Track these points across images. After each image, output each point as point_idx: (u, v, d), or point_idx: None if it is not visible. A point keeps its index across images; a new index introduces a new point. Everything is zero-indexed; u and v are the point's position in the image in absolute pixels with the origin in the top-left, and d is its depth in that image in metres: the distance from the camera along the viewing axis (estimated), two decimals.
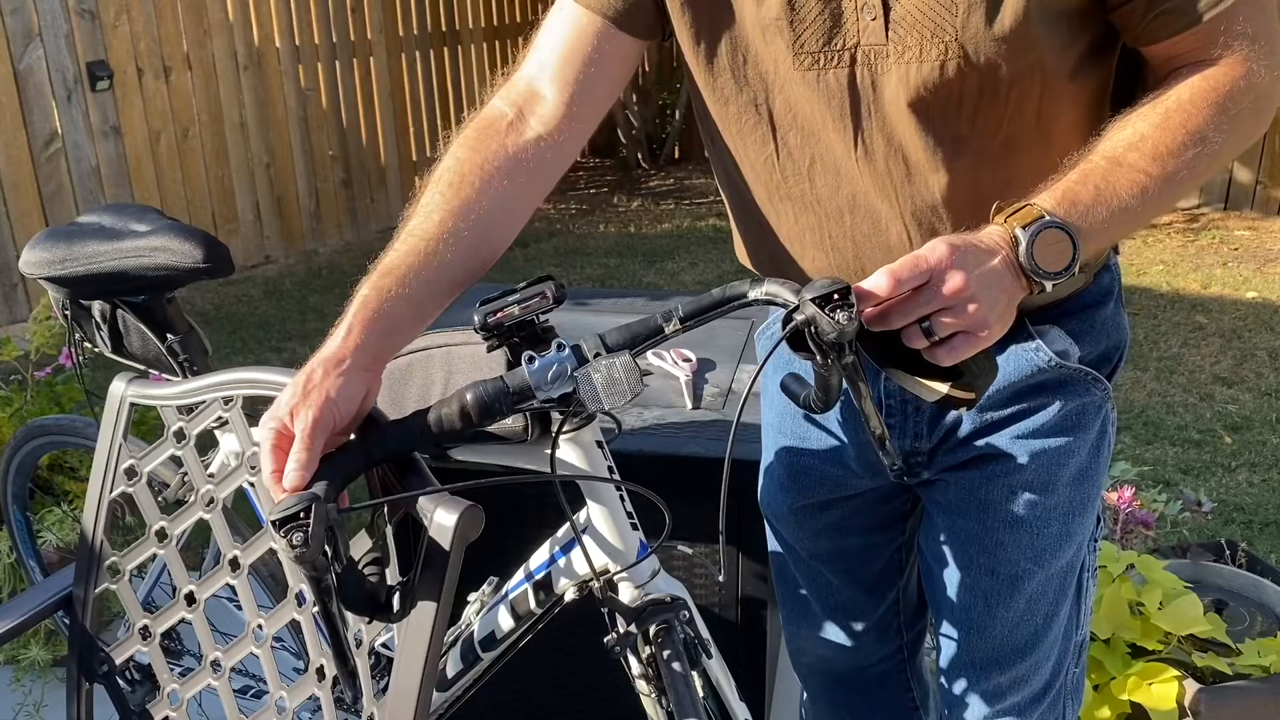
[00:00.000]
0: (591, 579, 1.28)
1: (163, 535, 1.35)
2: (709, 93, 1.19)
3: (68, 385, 2.75)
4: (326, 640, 1.08)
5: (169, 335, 1.85)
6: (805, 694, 1.65)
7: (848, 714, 1.59)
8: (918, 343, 0.96)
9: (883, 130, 1.11)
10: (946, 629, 1.35)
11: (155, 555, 1.37)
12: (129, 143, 5.15)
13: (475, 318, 1.11)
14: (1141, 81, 1.13)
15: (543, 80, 1.19)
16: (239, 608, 1.37)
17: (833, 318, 0.92)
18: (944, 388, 0.99)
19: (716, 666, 1.37)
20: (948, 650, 1.36)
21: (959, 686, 1.36)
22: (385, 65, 6.59)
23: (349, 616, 1.11)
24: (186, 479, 1.86)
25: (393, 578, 1.12)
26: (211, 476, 1.34)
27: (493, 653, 1.42)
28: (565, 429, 1.21)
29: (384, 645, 1.52)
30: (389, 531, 1.12)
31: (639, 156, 8.06)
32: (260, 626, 1.29)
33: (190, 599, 1.34)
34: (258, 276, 5.73)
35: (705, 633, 1.32)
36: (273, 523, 0.93)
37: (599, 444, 1.25)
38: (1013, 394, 1.22)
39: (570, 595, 1.35)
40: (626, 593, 1.29)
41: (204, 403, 1.33)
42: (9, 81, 4.60)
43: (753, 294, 1.03)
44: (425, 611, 1.06)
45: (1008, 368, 1.20)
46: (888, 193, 1.14)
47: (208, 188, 5.59)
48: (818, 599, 1.49)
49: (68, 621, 1.50)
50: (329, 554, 0.95)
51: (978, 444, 1.25)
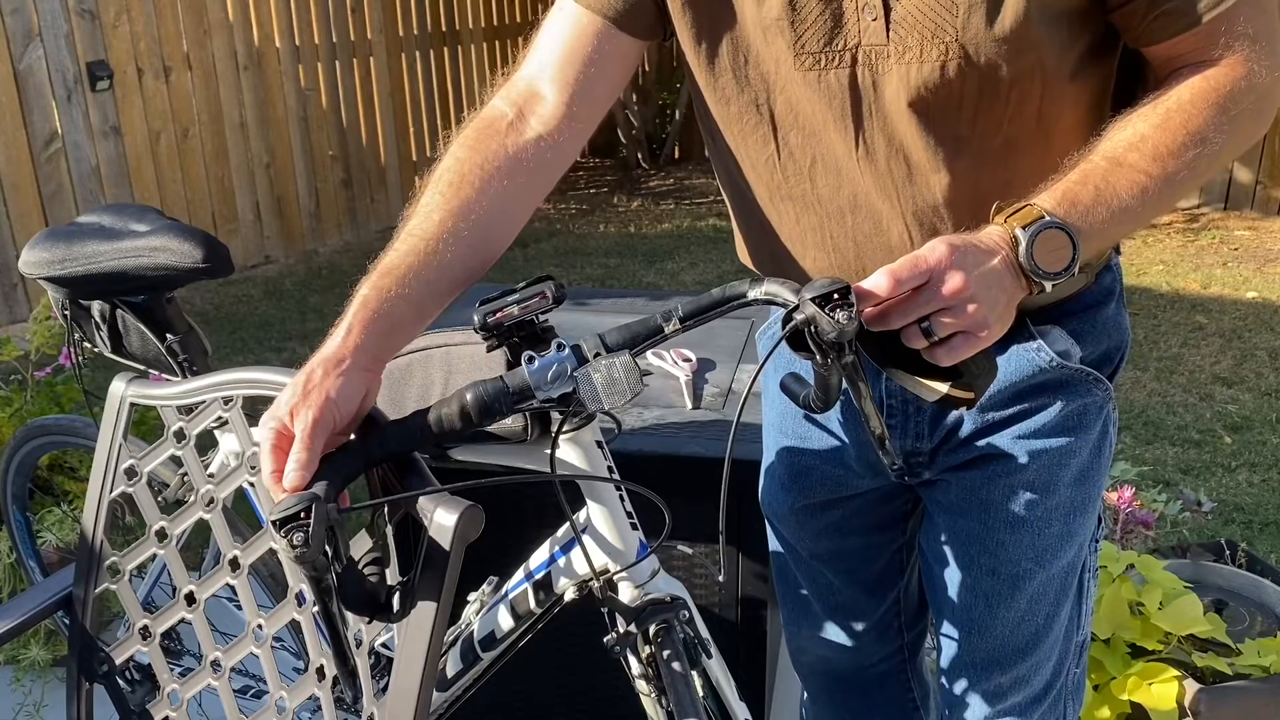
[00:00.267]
0: (591, 579, 1.28)
1: (163, 535, 1.35)
2: (710, 93, 1.19)
3: (68, 385, 2.75)
4: (326, 640, 1.08)
5: (169, 335, 1.85)
6: (805, 694, 1.65)
7: (848, 714, 1.59)
8: (917, 343, 0.96)
9: (884, 130, 1.11)
10: (947, 629, 1.35)
11: (155, 555, 1.37)
12: (129, 143, 5.15)
13: (475, 318, 1.11)
14: (1142, 82, 1.13)
15: (543, 80, 1.19)
16: (239, 608, 1.37)
17: (833, 317, 0.92)
18: (944, 388, 0.99)
19: (716, 666, 1.37)
20: (948, 650, 1.36)
21: (960, 687, 1.36)
22: (385, 65, 6.59)
23: (349, 616, 1.11)
24: (186, 479, 1.86)
25: (393, 578, 1.12)
26: (211, 476, 1.34)
27: (493, 652, 1.42)
28: (565, 429, 1.21)
29: (384, 645, 1.52)
30: (389, 531, 1.12)
31: (639, 156, 8.06)
32: (260, 626, 1.29)
33: (190, 599, 1.34)
34: (258, 276, 5.73)
35: (705, 633, 1.32)
36: (273, 523, 0.93)
37: (599, 444, 1.25)
38: (1014, 394, 1.22)
39: (570, 595, 1.35)
40: (626, 592, 1.29)
41: (204, 403, 1.33)
42: (9, 81, 4.61)
43: (753, 294, 1.03)
44: (425, 611, 1.06)
45: (1009, 368, 1.20)
46: (889, 193, 1.14)
47: (208, 188, 5.60)
48: (818, 599, 1.49)
49: (68, 621, 1.50)
50: (329, 554, 0.95)
51: (979, 444, 1.25)
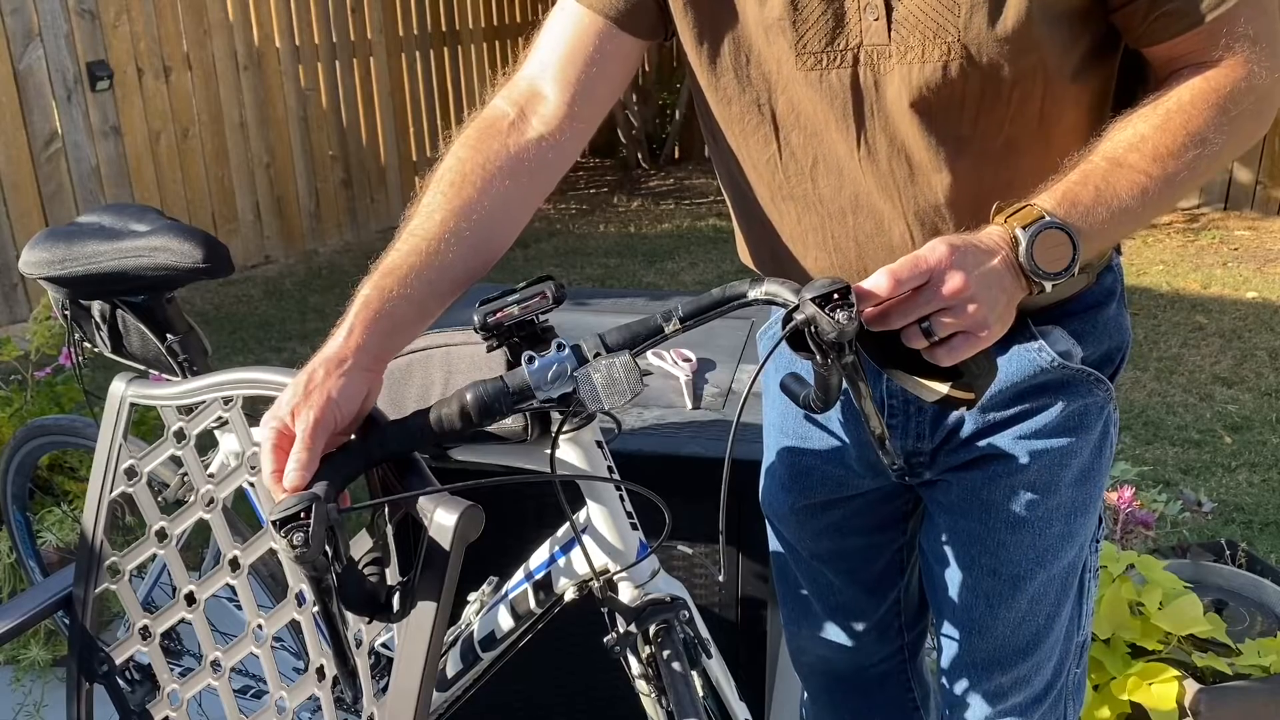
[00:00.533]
0: (591, 579, 1.28)
1: (163, 535, 1.35)
2: (711, 93, 1.19)
3: (68, 385, 2.75)
4: (326, 640, 1.08)
5: (169, 335, 1.85)
6: (805, 694, 1.65)
7: (848, 714, 1.59)
8: (917, 343, 0.96)
9: (885, 130, 1.11)
10: (948, 629, 1.35)
11: (155, 555, 1.37)
12: (129, 143, 5.15)
13: (475, 318, 1.11)
14: (1143, 82, 1.13)
15: (545, 80, 1.19)
16: (239, 608, 1.37)
17: (833, 317, 0.92)
18: (944, 388, 0.99)
19: (716, 666, 1.37)
20: (949, 650, 1.36)
21: (960, 687, 1.36)
22: (385, 65, 6.59)
23: (349, 616, 1.11)
24: (186, 479, 1.86)
25: (393, 578, 1.12)
26: (211, 476, 1.34)
27: (493, 653, 1.42)
28: (565, 429, 1.21)
29: (384, 645, 1.52)
30: (389, 531, 1.12)
31: (639, 156, 8.06)
32: (260, 626, 1.29)
33: (190, 599, 1.34)
34: (258, 276, 5.73)
35: (705, 633, 1.32)
36: (273, 523, 0.93)
37: (599, 444, 1.25)
38: (1015, 394, 1.22)
39: (570, 595, 1.35)
40: (626, 592, 1.29)
41: (204, 403, 1.33)
42: (9, 81, 4.60)
43: (753, 294, 1.03)
44: (425, 611, 1.06)
45: (1010, 368, 1.20)
46: (890, 193, 1.14)
47: (208, 188, 5.59)
48: (819, 599, 1.49)
49: (68, 621, 1.50)
50: (329, 554, 0.95)
51: (980, 444, 1.25)
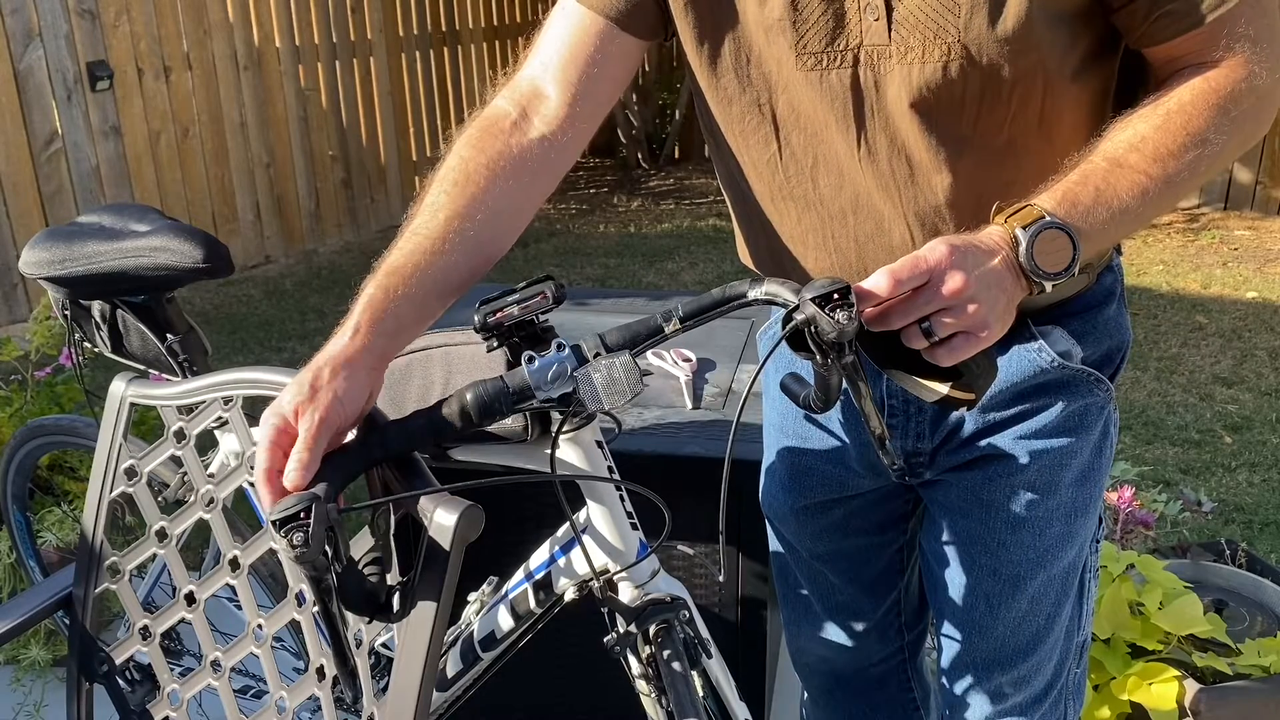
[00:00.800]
0: (591, 579, 1.28)
1: (163, 535, 1.35)
2: (712, 93, 1.19)
3: (68, 385, 2.75)
4: (326, 640, 1.08)
5: (169, 335, 1.85)
6: (806, 694, 1.65)
7: (848, 714, 1.59)
8: (918, 343, 0.96)
9: (886, 131, 1.11)
10: (948, 629, 1.35)
11: (155, 555, 1.37)
12: (129, 143, 5.15)
13: (475, 318, 1.11)
14: (1143, 83, 1.13)
15: (546, 80, 1.18)
16: (239, 608, 1.37)
17: (833, 317, 0.92)
18: (944, 388, 0.99)
19: (716, 666, 1.37)
20: (949, 650, 1.36)
21: (960, 687, 1.36)
22: (385, 65, 6.59)
23: (349, 616, 1.11)
24: (186, 479, 1.86)
25: (393, 578, 1.11)
26: (211, 476, 1.34)
27: (493, 653, 1.42)
28: (565, 429, 1.21)
29: (384, 645, 1.52)
30: (389, 531, 1.12)
31: (639, 156, 8.06)
32: (260, 626, 1.29)
33: (190, 599, 1.34)
34: (258, 276, 5.73)
35: (705, 633, 1.32)
36: (273, 523, 0.93)
37: (599, 444, 1.25)
38: (1015, 394, 1.22)
39: (570, 595, 1.35)
40: (626, 592, 1.29)
41: (204, 403, 1.33)
42: (9, 81, 4.60)
43: (753, 294, 1.03)
44: (425, 611, 1.06)
45: (1010, 368, 1.20)
46: (890, 193, 1.14)
47: (208, 188, 5.59)
48: (819, 599, 1.49)
49: (68, 621, 1.50)
50: (329, 554, 0.95)
51: (980, 445, 1.25)
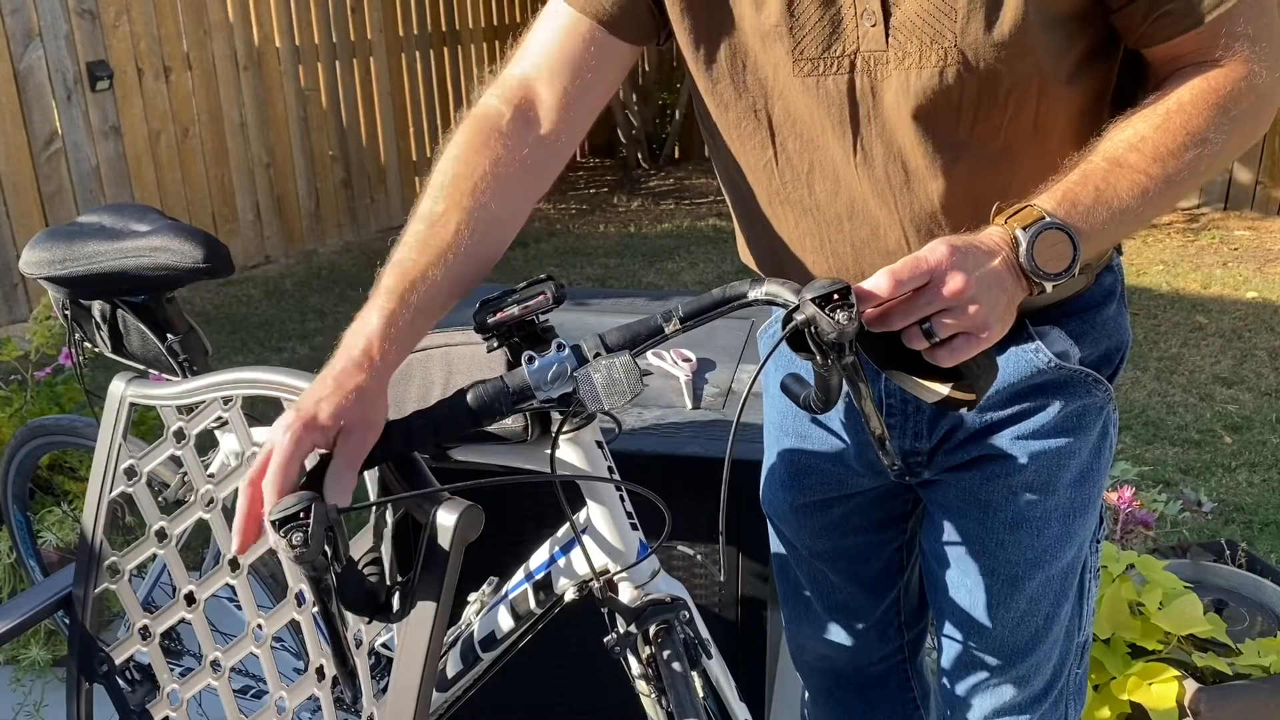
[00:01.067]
0: (591, 579, 1.28)
1: (163, 535, 1.35)
2: (709, 98, 1.19)
3: (68, 385, 2.75)
4: (326, 640, 1.08)
5: (169, 335, 1.84)
6: (806, 693, 1.65)
7: (848, 713, 1.59)
8: (918, 344, 0.96)
9: (882, 136, 1.11)
10: (947, 629, 1.35)
11: (155, 555, 1.37)
12: (129, 143, 5.15)
13: (475, 318, 1.11)
14: (1142, 84, 1.13)
15: (539, 82, 1.18)
16: (239, 608, 1.37)
17: (833, 318, 0.92)
18: (944, 389, 0.99)
19: (716, 666, 1.37)
20: (949, 650, 1.36)
21: (960, 686, 1.36)
22: (385, 65, 6.59)
23: (349, 616, 1.11)
24: (186, 479, 1.86)
25: (393, 578, 1.12)
26: (211, 476, 1.34)
27: (493, 653, 1.42)
28: (565, 429, 1.21)
29: (384, 645, 1.52)
30: (389, 531, 1.12)
31: (639, 156, 8.06)
32: (260, 626, 1.29)
33: (190, 599, 1.34)
34: (258, 276, 5.73)
35: (705, 633, 1.32)
36: (272, 523, 0.93)
37: (599, 444, 1.25)
38: (1013, 395, 1.22)
39: (570, 595, 1.35)
40: (626, 593, 1.29)
41: (204, 403, 1.33)
42: (9, 81, 4.60)
43: (753, 294, 1.03)
44: (425, 611, 1.06)
45: (1008, 369, 1.20)
46: (886, 199, 1.14)
47: (208, 188, 5.59)
48: (819, 598, 1.49)
49: (68, 621, 1.50)
50: (329, 554, 0.95)
51: (978, 445, 1.25)
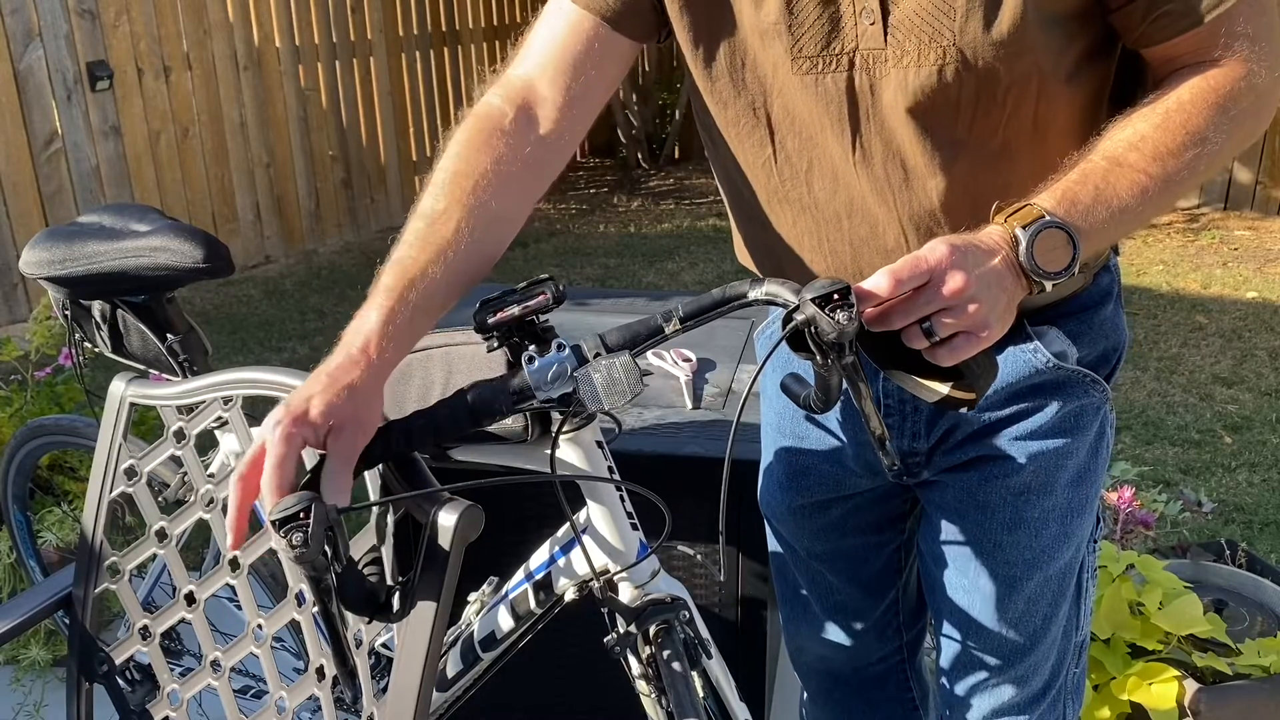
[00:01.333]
0: (591, 579, 1.28)
1: (163, 535, 1.36)
2: (708, 96, 1.19)
3: (68, 385, 2.75)
4: (326, 640, 1.08)
5: (169, 335, 1.85)
6: (805, 694, 1.65)
7: (847, 713, 1.59)
8: (918, 343, 0.96)
9: (881, 135, 1.11)
10: (946, 629, 1.35)
11: (155, 555, 1.37)
12: (129, 143, 5.15)
13: (475, 318, 1.11)
14: (1141, 84, 1.13)
15: (541, 80, 1.18)
16: (239, 608, 1.37)
17: (833, 318, 0.92)
18: (944, 388, 0.99)
19: (716, 666, 1.37)
20: (947, 650, 1.36)
21: (959, 686, 1.36)
22: (385, 65, 6.59)
23: (349, 616, 1.11)
24: (186, 479, 1.86)
25: (393, 578, 1.12)
26: (211, 476, 1.34)
27: (493, 653, 1.42)
28: (565, 429, 1.21)
29: (384, 645, 1.52)
30: (389, 531, 1.13)
31: (639, 156, 8.06)
32: (260, 626, 1.29)
33: (190, 599, 1.34)
34: (258, 276, 5.73)
35: (705, 633, 1.32)
36: (273, 523, 0.93)
37: (599, 444, 1.25)
38: (1011, 395, 1.22)
39: (570, 595, 1.35)
40: (626, 593, 1.29)
41: (204, 403, 1.33)
42: (9, 81, 4.60)
43: (753, 294, 1.03)
44: (425, 611, 1.06)
45: (1005, 369, 1.20)
46: (885, 197, 1.14)
47: (208, 188, 5.60)
48: (817, 598, 1.49)
49: (68, 621, 1.50)
50: (329, 554, 0.95)
51: (976, 445, 1.25)
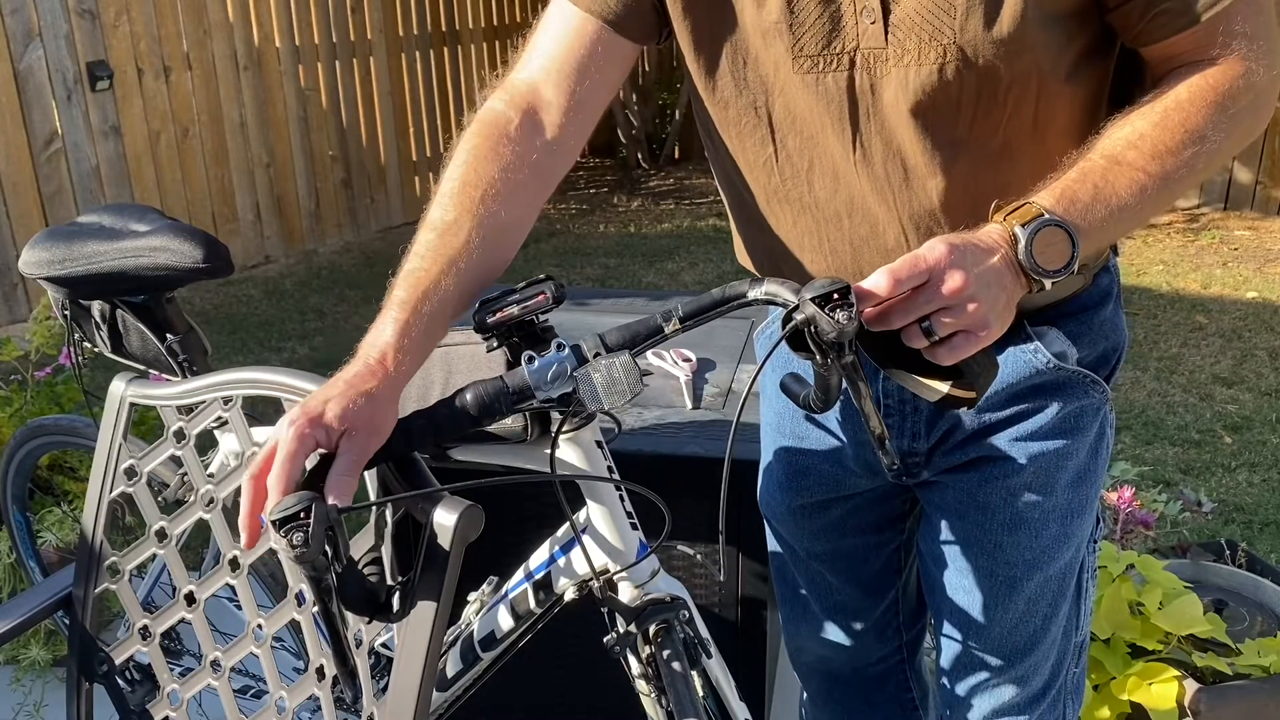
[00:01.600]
0: (591, 579, 1.28)
1: (163, 535, 1.36)
2: (709, 96, 1.19)
3: (68, 385, 2.75)
4: (326, 640, 1.08)
5: (169, 335, 1.84)
6: (805, 694, 1.65)
7: (847, 714, 1.59)
8: (918, 342, 0.96)
9: (881, 134, 1.11)
10: (946, 629, 1.35)
11: (155, 555, 1.37)
12: (129, 143, 5.15)
13: (475, 318, 1.11)
14: (1139, 83, 1.13)
15: (546, 84, 1.18)
16: (239, 608, 1.37)
17: (832, 317, 0.92)
18: (944, 387, 0.99)
19: (716, 666, 1.37)
20: (947, 650, 1.36)
21: (958, 687, 1.36)
22: (385, 65, 6.59)
23: (349, 616, 1.11)
24: (186, 479, 1.86)
25: (393, 578, 1.12)
26: (211, 476, 1.34)
27: (493, 652, 1.42)
28: (565, 429, 1.21)
29: (384, 645, 1.52)
30: (389, 531, 1.13)
31: (639, 156, 8.06)
32: (260, 626, 1.29)
33: (190, 599, 1.34)
34: (258, 276, 5.73)
35: (705, 633, 1.32)
36: (273, 523, 0.93)
37: (599, 444, 1.25)
38: (1011, 395, 1.22)
39: (570, 595, 1.35)
40: (626, 592, 1.29)
41: (204, 403, 1.33)
42: (9, 81, 4.60)
43: (753, 294, 1.04)
44: (425, 611, 1.06)
45: (1006, 369, 1.20)
46: (885, 196, 1.14)
47: (208, 188, 5.59)
48: (817, 599, 1.49)
49: (68, 621, 1.50)
50: (329, 554, 0.95)
51: (976, 446, 1.25)
